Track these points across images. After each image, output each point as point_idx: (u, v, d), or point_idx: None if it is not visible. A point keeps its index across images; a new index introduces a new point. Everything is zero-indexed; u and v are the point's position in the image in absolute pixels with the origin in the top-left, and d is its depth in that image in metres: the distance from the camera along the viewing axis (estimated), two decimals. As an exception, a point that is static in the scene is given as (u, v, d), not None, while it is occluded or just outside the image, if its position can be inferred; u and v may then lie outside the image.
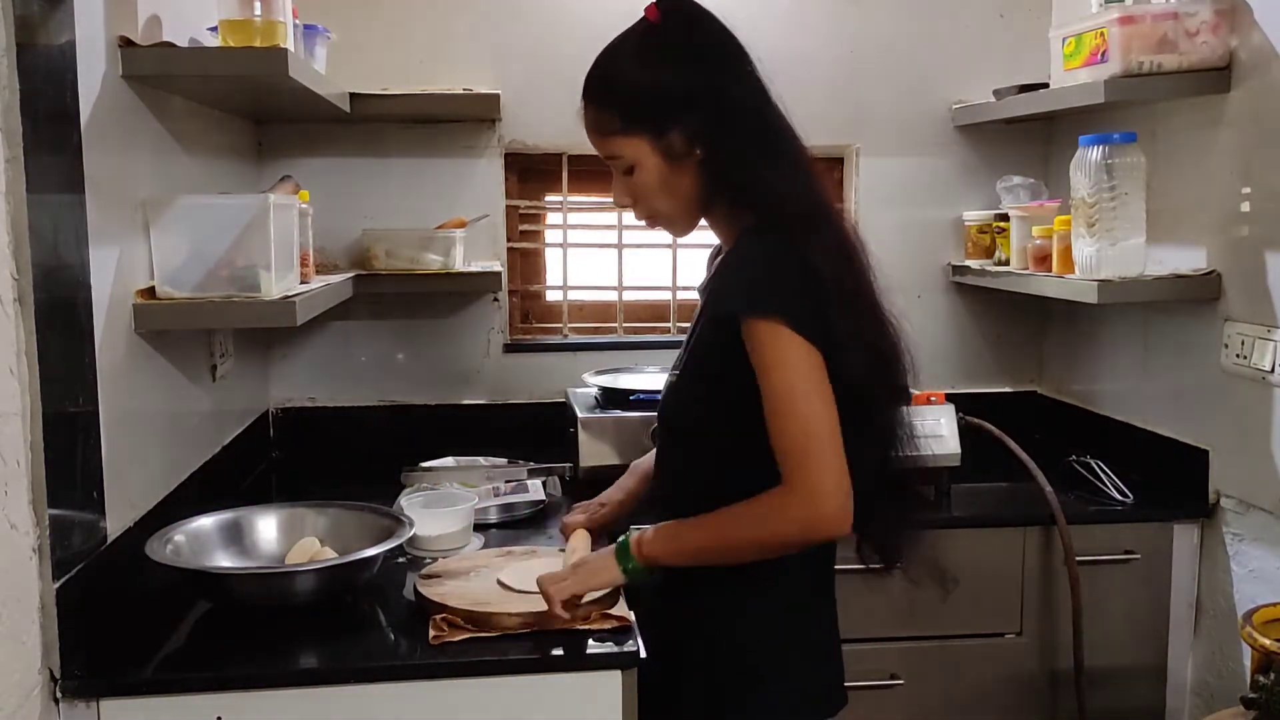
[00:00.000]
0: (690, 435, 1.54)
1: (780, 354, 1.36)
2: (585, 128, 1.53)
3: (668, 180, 1.48)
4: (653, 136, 1.46)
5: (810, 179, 1.50)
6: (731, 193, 1.48)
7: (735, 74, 1.48)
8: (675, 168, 1.47)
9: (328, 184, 2.54)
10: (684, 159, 1.47)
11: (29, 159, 1.30)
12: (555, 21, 2.61)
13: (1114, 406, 2.50)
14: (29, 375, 1.32)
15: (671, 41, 1.47)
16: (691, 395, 1.53)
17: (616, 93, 1.48)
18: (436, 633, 1.50)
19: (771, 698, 1.50)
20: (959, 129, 2.74)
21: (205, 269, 1.72)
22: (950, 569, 1.61)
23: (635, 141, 1.47)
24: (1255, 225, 2.03)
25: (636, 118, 1.46)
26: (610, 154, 1.51)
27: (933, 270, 2.76)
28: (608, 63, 1.51)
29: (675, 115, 1.44)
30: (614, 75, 1.49)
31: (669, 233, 1.61)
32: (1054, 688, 2.23)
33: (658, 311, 2.84)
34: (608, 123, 1.49)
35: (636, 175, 1.49)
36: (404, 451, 2.38)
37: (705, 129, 1.44)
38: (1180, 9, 2.05)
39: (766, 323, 1.37)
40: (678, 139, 1.45)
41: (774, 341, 1.37)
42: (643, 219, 1.57)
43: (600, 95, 1.50)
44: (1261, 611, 1.82)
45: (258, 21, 1.66)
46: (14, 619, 1.29)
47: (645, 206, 1.54)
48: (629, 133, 1.47)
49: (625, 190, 1.53)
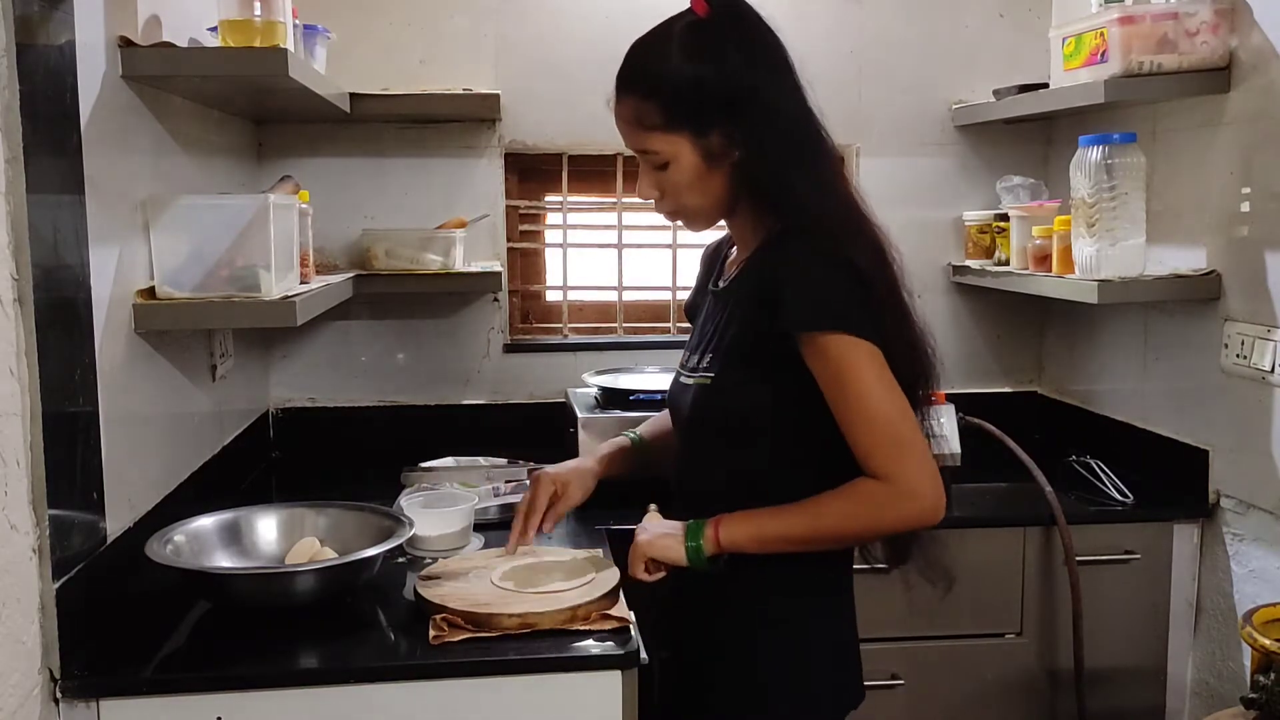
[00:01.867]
0: (737, 436, 1.51)
1: (850, 363, 1.38)
2: (619, 119, 1.49)
3: (702, 179, 1.46)
4: (694, 134, 1.43)
5: (844, 185, 1.50)
6: (764, 196, 1.46)
7: (781, 77, 1.46)
8: (711, 167, 1.45)
9: (328, 184, 2.54)
10: (721, 159, 1.45)
11: (29, 159, 1.30)
12: (555, 21, 2.61)
13: (1114, 406, 2.50)
14: (29, 375, 1.32)
15: (720, 38, 1.43)
16: (737, 398, 1.49)
17: (661, 86, 1.43)
18: (437, 633, 1.50)
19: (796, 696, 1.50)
20: (959, 129, 2.74)
21: (205, 269, 1.72)
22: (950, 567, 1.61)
23: (675, 138, 1.44)
24: (1255, 225, 2.03)
25: (680, 114, 1.43)
26: (646, 148, 1.47)
27: (933, 270, 2.76)
28: (651, 54, 1.46)
29: (719, 114, 1.42)
30: (659, 69, 1.44)
31: (688, 228, 1.59)
32: (1054, 688, 2.23)
33: (658, 311, 2.84)
34: (648, 116, 1.44)
35: (670, 171, 1.47)
36: (404, 451, 2.38)
37: (747, 131, 1.42)
38: (1180, 9, 2.05)
39: (832, 336, 1.38)
40: (718, 139, 1.43)
41: (841, 352, 1.38)
42: (666, 213, 1.55)
43: (642, 88, 1.45)
44: (1261, 611, 1.82)
45: (258, 21, 1.66)
46: (14, 619, 1.29)
47: (672, 202, 1.51)
48: (670, 129, 1.44)
49: (654, 184, 1.50)
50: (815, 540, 1.45)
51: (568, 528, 2.08)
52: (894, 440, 1.38)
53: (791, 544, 1.46)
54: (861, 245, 1.43)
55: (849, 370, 1.38)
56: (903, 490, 1.38)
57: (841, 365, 1.39)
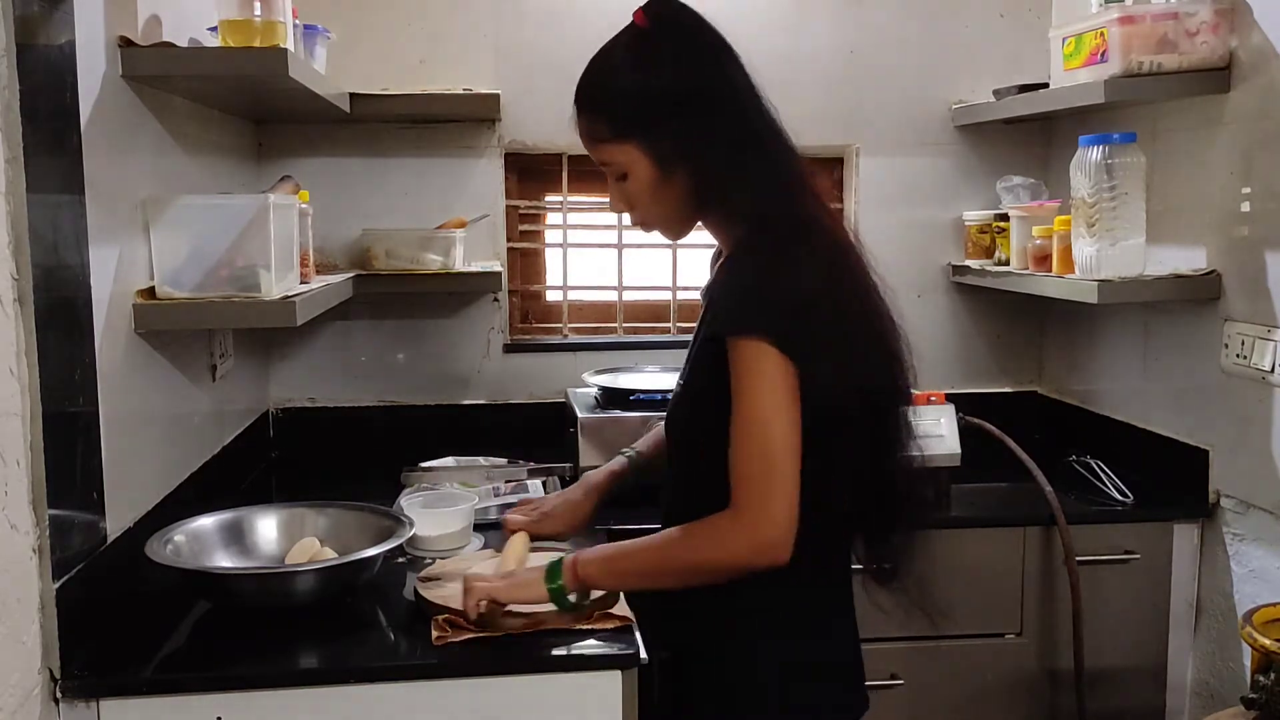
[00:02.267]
0: (689, 448, 1.53)
1: (754, 375, 1.35)
2: (579, 134, 1.52)
3: (659, 187, 1.47)
4: (642, 143, 1.45)
5: (800, 185, 1.48)
6: (716, 204, 1.47)
7: (724, 80, 1.46)
8: (666, 175, 1.46)
9: (328, 184, 2.54)
10: (674, 166, 1.45)
11: (29, 159, 1.30)
12: (555, 21, 2.61)
13: (1114, 406, 2.50)
14: (29, 375, 1.32)
15: (660, 47, 1.45)
16: (690, 409, 1.52)
17: (606, 99, 1.47)
18: (439, 633, 1.49)
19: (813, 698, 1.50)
20: (959, 129, 2.74)
21: (205, 269, 1.72)
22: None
23: (625, 148, 1.46)
24: (1255, 225, 2.03)
25: (626, 124, 1.45)
26: (603, 160, 1.50)
27: (933, 270, 2.76)
28: (597, 69, 1.50)
29: (664, 122, 1.43)
30: (603, 82, 1.48)
31: (665, 237, 1.60)
32: (1054, 688, 2.23)
33: (658, 312, 2.84)
34: (598, 130, 1.48)
35: (629, 182, 1.49)
36: (404, 451, 2.38)
37: (693, 136, 1.43)
38: (1180, 9, 2.05)
39: (747, 341, 1.36)
40: (667, 146, 1.44)
41: (751, 361, 1.36)
42: (638, 224, 1.56)
43: (590, 102, 1.49)
44: (1261, 611, 1.82)
45: (258, 21, 1.66)
46: (14, 619, 1.29)
47: (641, 213, 1.53)
48: (619, 139, 1.46)
49: (619, 196, 1.53)
50: (666, 574, 1.44)
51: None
52: (761, 472, 1.34)
53: (645, 578, 1.46)
54: (812, 251, 1.41)
55: (749, 383, 1.36)
56: (746, 524, 1.34)
57: (742, 371, 1.36)
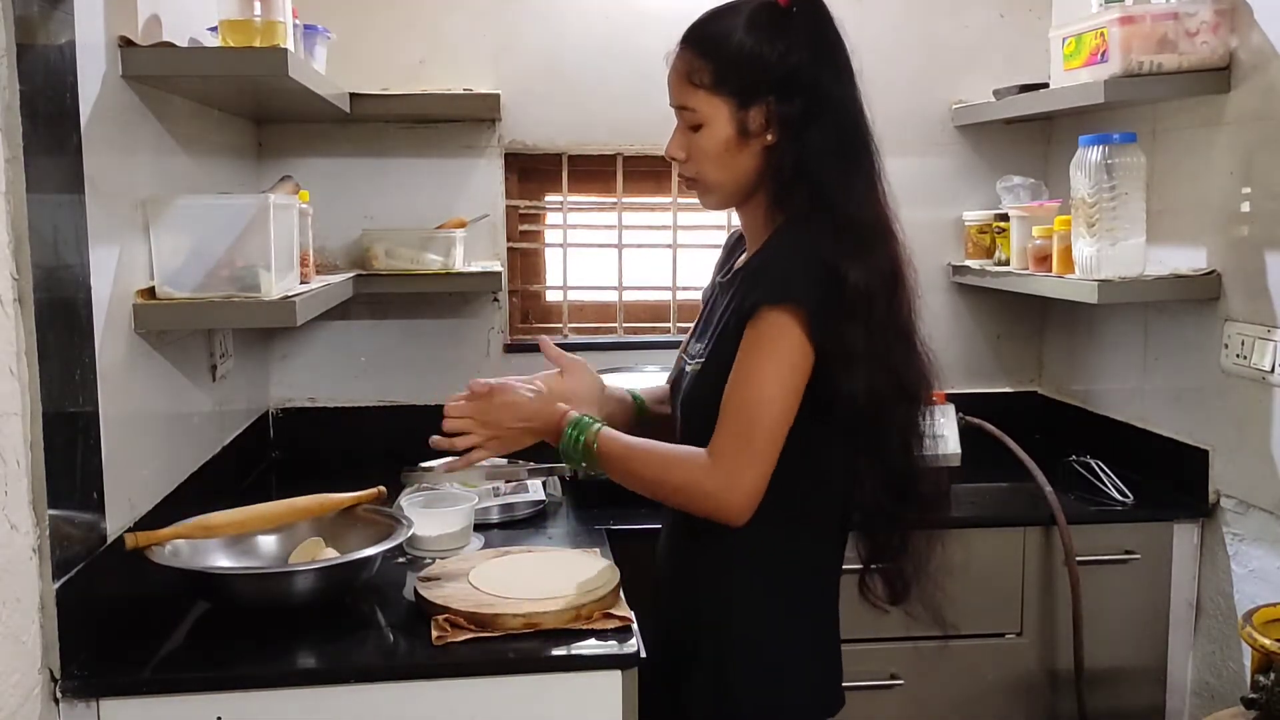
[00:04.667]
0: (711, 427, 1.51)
1: (775, 342, 1.38)
2: (671, 70, 1.51)
3: (730, 151, 1.47)
4: (736, 103, 1.45)
5: (878, 199, 1.50)
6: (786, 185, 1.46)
7: (840, 80, 1.48)
8: (742, 142, 1.47)
9: (328, 184, 2.54)
10: (755, 137, 1.46)
11: (29, 159, 1.30)
12: (555, 21, 2.61)
13: (1114, 406, 2.50)
14: (29, 375, 1.32)
15: (794, 24, 1.46)
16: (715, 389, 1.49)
17: (719, 48, 1.46)
18: (440, 633, 1.50)
19: (781, 698, 1.50)
20: (959, 129, 2.74)
21: (205, 269, 1.72)
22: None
23: (716, 101, 1.46)
24: (1255, 225, 2.03)
25: (729, 79, 1.45)
26: (685, 104, 1.49)
27: (933, 270, 2.76)
28: (722, 16, 1.49)
29: (767, 92, 1.44)
30: (725, 30, 1.46)
31: (702, 201, 1.58)
32: (1054, 688, 2.23)
33: (658, 312, 2.84)
34: (699, 74, 1.47)
35: (702, 135, 1.48)
36: (404, 451, 2.37)
37: (790, 117, 1.44)
38: (1180, 9, 2.05)
39: (778, 309, 1.38)
40: (757, 116, 1.45)
41: (776, 329, 1.38)
42: (688, 177, 1.56)
43: (701, 43, 1.47)
44: (1261, 611, 1.82)
45: (258, 21, 1.66)
46: (14, 619, 1.29)
47: (694, 167, 1.52)
48: (715, 91, 1.46)
49: (683, 145, 1.52)
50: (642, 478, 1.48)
51: (568, 527, 2.08)
52: (745, 434, 1.38)
53: (633, 480, 1.49)
54: (869, 261, 1.42)
55: (768, 347, 1.38)
56: (721, 476, 1.39)
57: (766, 339, 1.39)
